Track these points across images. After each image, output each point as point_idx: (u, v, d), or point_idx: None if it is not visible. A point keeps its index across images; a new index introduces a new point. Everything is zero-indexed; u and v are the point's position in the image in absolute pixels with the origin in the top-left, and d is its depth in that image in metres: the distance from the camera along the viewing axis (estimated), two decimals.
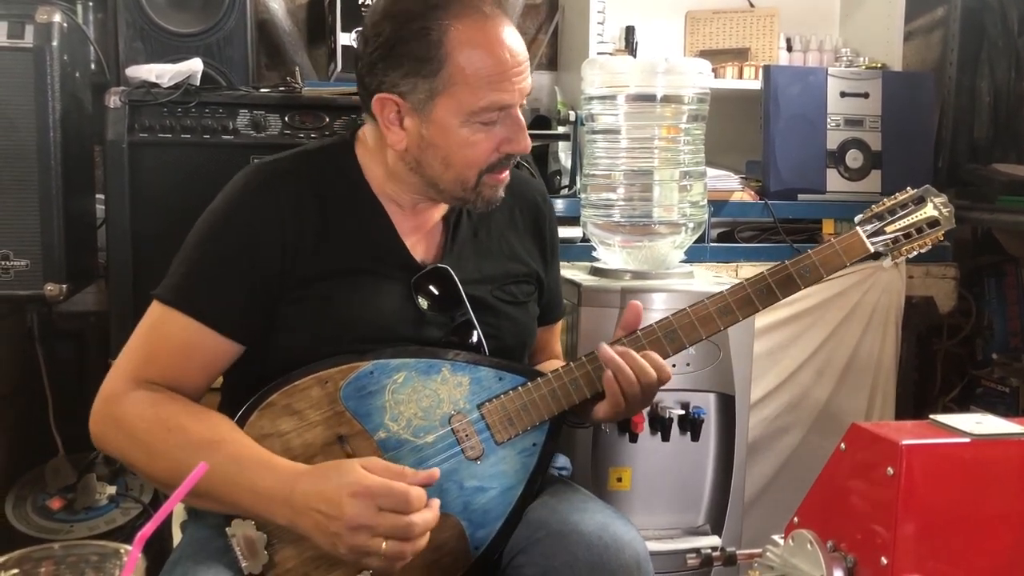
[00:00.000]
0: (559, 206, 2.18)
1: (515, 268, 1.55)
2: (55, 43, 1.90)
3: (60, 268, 1.93)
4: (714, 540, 1.93)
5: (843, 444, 1.05)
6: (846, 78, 2.54)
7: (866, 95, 2.54)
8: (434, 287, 1.44)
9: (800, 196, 2.51)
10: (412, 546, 1.22)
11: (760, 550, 1.15)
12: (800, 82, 2.52)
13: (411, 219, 1.47)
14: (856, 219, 1.52)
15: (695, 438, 1.92)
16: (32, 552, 0.98)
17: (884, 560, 0.97)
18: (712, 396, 1.94)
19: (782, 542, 1.11)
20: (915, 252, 1.51)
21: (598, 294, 1.91)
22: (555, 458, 1.58)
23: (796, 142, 2.50)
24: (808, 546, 1.05)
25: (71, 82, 2.00)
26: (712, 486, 1.97)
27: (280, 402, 1.33)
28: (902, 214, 1.50)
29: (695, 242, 2.12)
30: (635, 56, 2.59)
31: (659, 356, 1.42)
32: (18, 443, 2.39)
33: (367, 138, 1.46)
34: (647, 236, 2.02)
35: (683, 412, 1.90)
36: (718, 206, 2.40)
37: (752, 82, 2.63)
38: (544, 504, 1.42)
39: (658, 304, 1.87)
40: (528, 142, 1.40)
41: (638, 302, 1.47)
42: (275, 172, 1.43)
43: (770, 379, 2.41)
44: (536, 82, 2.63)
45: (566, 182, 2.42)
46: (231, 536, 1.29)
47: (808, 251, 1.50)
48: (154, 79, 1.94)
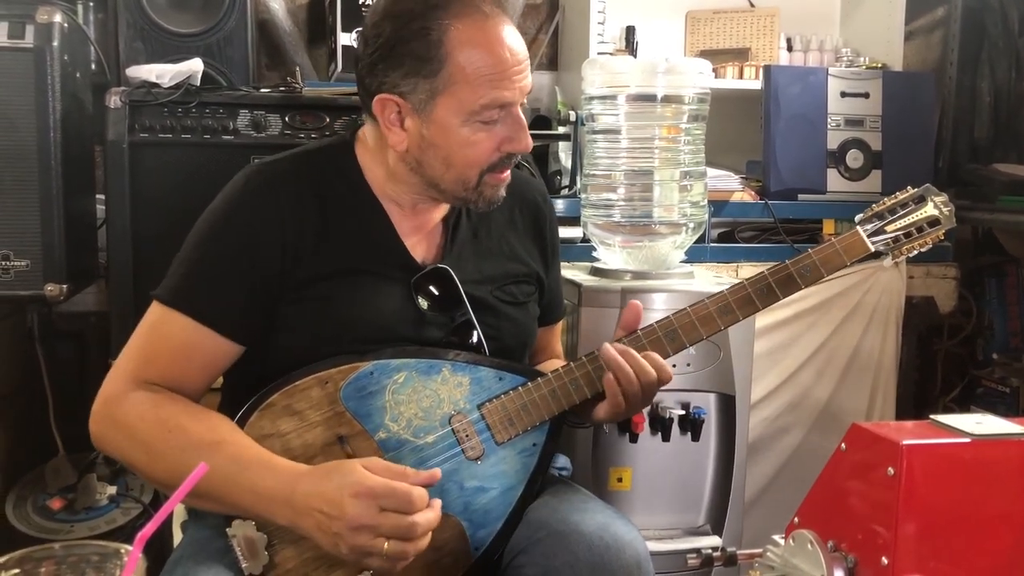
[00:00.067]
0: (559, 206, 2.18)
1: (515, 268, 1.55)
2: (56, 43, 1.90)
3: (60, 268, 1.93)
4: (714, 540, 1.93)
5: (843, 444, 1.05)
6: (846, 78, 2.54)
7: (866, 95, 2.54)
8: (434, 287, 1.44)
9: (800, 196, 2.51)
10: (414, 546, 1.22)
11: (760, 550, 1.15)
12: (800, 82, 2.52)
13: (411, 219, 1.47)
14: (856, 218, 1.51)
15: (695, 438, 1.92)
16: (33, 552, 0.98)
17: (885, 560, 0.97)
18: (712, 396, 1.94)
19: (783, 542, 1.11)
20: (916, 251, 1.51)
21: (598, 294, 1.91)
22: (555, 458, 1.58)
23: (796, 142, 2.50)
24: (809, 546, 1.05)
25: (71, 82, 2.00)
26: (712, 486, 1.97)
27: (280, 402, 1.33)
28: (902, 213, 1.50)
29: (695, 242, 2.12)
30: (635, 56, 2.58)
31: (659, 356, 1.42)
32: (18, 443, 2.39)
33: (367, 138, 1.46)
34: (647, 236, 2.02)
35: (683, 412, 1.90)
36: (718, 206, 2.40)
37: (752, 82, 2.63)
38: (545, 504, 1.42)
39: (658, 304, 1.87)
40: (529, 141, 1.40)
41: (638, 302, 1.47)
42: (275, 172, 1.42)
43: (770, 379, 2.41)
44: (536, 82, 2.62)
45: (566, 182, 2.42)
46: (231, 537, 1.29)
47: (808, 251, 1.49)
48: (154, 79, 1.94)
